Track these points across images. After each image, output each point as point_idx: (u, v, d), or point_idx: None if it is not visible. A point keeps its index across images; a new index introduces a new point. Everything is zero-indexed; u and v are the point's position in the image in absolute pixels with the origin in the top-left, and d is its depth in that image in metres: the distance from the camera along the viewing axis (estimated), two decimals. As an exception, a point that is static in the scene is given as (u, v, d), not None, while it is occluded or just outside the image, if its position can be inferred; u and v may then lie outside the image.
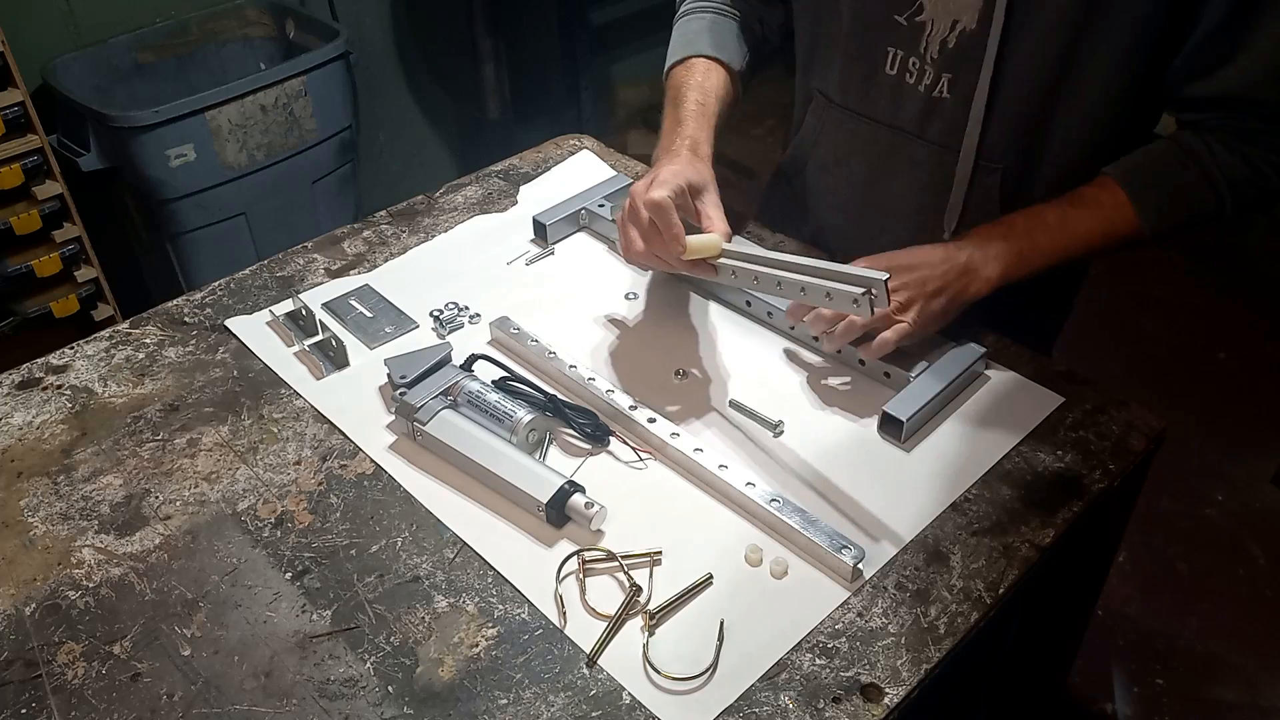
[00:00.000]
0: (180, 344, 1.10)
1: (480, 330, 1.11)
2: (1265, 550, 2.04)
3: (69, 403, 1.03)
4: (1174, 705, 1.78)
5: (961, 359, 1.00)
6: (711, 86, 1.14)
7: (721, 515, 0.89)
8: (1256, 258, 2.85)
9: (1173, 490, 2.13)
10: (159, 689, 0.77)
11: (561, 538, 0.87)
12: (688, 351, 1.07)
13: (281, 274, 1.20)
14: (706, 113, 1.11)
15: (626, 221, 0.99)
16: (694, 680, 0.76)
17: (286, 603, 0.83)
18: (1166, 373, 2.48)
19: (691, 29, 1.20)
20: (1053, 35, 0.97)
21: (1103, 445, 0.95)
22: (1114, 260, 2.75)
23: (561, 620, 0.80)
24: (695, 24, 1.20)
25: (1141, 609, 1.93)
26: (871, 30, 1.07)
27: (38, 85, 2.02)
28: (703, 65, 1.16)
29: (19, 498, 0.93)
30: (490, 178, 1.37)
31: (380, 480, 0.93)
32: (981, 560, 0.85)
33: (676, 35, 1.22)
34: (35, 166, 1.88)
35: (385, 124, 2.73)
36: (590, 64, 2.92)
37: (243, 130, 2.08)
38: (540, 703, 0.75)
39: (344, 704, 0.75)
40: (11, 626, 0.82)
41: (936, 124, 1.08)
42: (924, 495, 0.90)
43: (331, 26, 2.28)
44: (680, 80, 1.15)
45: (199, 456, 0.96)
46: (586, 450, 0.96)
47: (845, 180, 1.20)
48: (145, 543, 0.88)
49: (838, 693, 0.75)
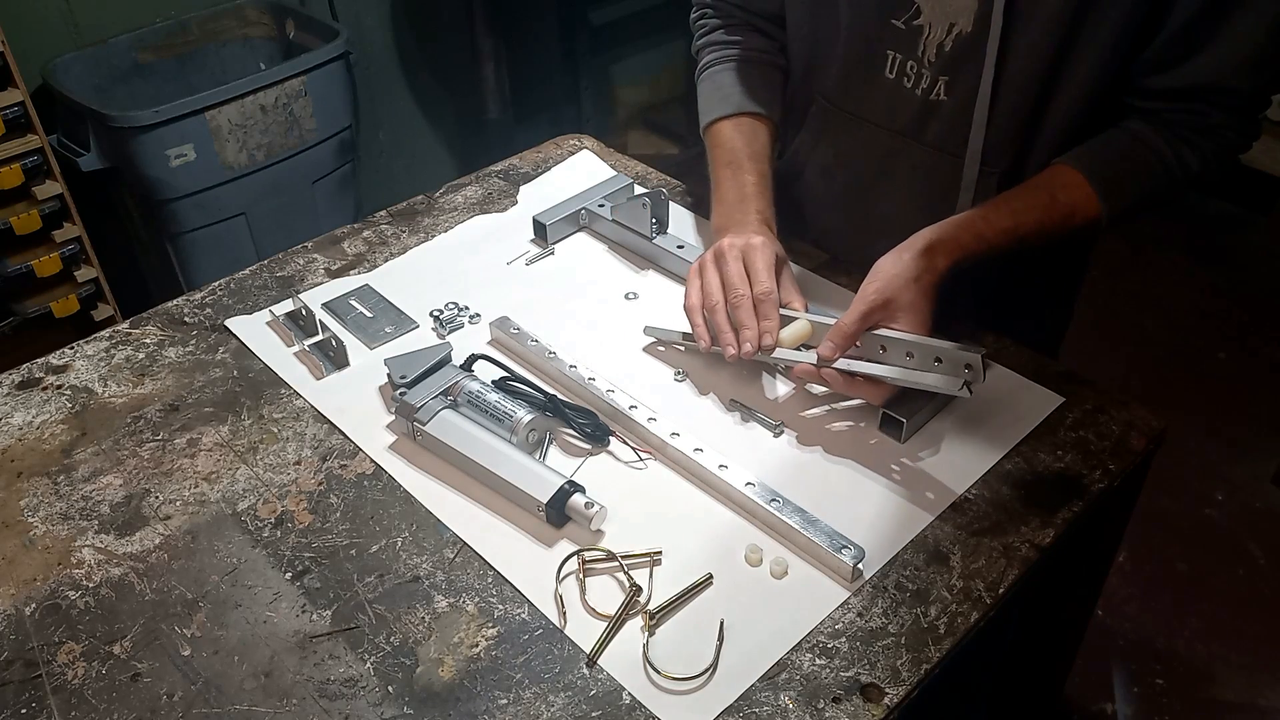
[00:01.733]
0: (180, 344, 1.10)
1: (480, 330, 1.11)
2: (1265, 550, 2.04)
3: (69, 403, 1.03)
4: (1174, 705, 1.78)
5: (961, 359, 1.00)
6: (762, 150, 1.15)
7: (721, 515, 0.89)
8: (1256, 258, 2.85)
9: (1173, 490, 2.13)
10: (159, 689, 0.77)
11: (561, 538, 0.87)
12: (687, 352, 1.07)
13: (281, 274, 1.20)
14: (767, 184, 1.12)
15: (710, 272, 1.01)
16: (694, 680, 0.76)
17: (286, 603, 0.83)
18: (1166, 373, 2.48)
19: (726, 81, 1.19)
20: (1047, 36, 0.97)
21: (1103, 445, 0.95)
22: (1114, 260, 2.76)
23: (561, 620, 0.80)
24: (728, 75, 1.19)
25: (1141, 609, 1.93)
26: (869, 34, 1.07)
27: (38, 85, 2.02)
28: (749, 125, 1.16)
29: (19, 498, 0.93)
30: (490, 178, 1.37)
31: (380, 480, 0.93)
32: (981, 560, 0.85)
33: (710, 86, 1.20)
34: (35, 166, 1.88)
35: (385, 124, 2.73)
36: (590, 64, 2.92)
37: (243, 130, 2.08)
38: (540, 703, 0.75)
39: (344, 704, 0.75)
40: (11, 626, 0.82)
41: (934, 127, 1.08)
42: (924, 495, 0.90)
43: (331, 26, 2.28)
44: (732, 142, 1.15)
45: (199, 456, 0.96)
46: (586, 450, 0.96)
47: (844, 184, 1.20)
48: (145, 543, 0.88)
49: (838, 693, 0.75)
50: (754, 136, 1.15)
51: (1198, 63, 0.95)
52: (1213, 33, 0.94)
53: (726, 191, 1.11)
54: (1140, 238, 2.85)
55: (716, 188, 1.14)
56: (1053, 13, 0.95)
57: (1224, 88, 0.96)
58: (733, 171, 1.12)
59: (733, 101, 1.17)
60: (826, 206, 1.24)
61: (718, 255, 1.02)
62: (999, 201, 1.02)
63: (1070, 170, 1.01)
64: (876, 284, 0.95)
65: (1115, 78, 1.00)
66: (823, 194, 1.24)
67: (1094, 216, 1.01)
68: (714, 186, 1.14)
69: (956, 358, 0.89)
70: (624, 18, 3.03)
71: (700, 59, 1.24)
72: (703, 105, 1.20)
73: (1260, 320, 2.63)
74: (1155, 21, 0.95)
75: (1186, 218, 2.94)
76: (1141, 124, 1.01)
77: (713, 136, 1.18)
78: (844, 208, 1.22)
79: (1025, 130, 1.04)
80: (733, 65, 1.20)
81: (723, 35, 1.22)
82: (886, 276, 0.95)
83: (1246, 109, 0.99)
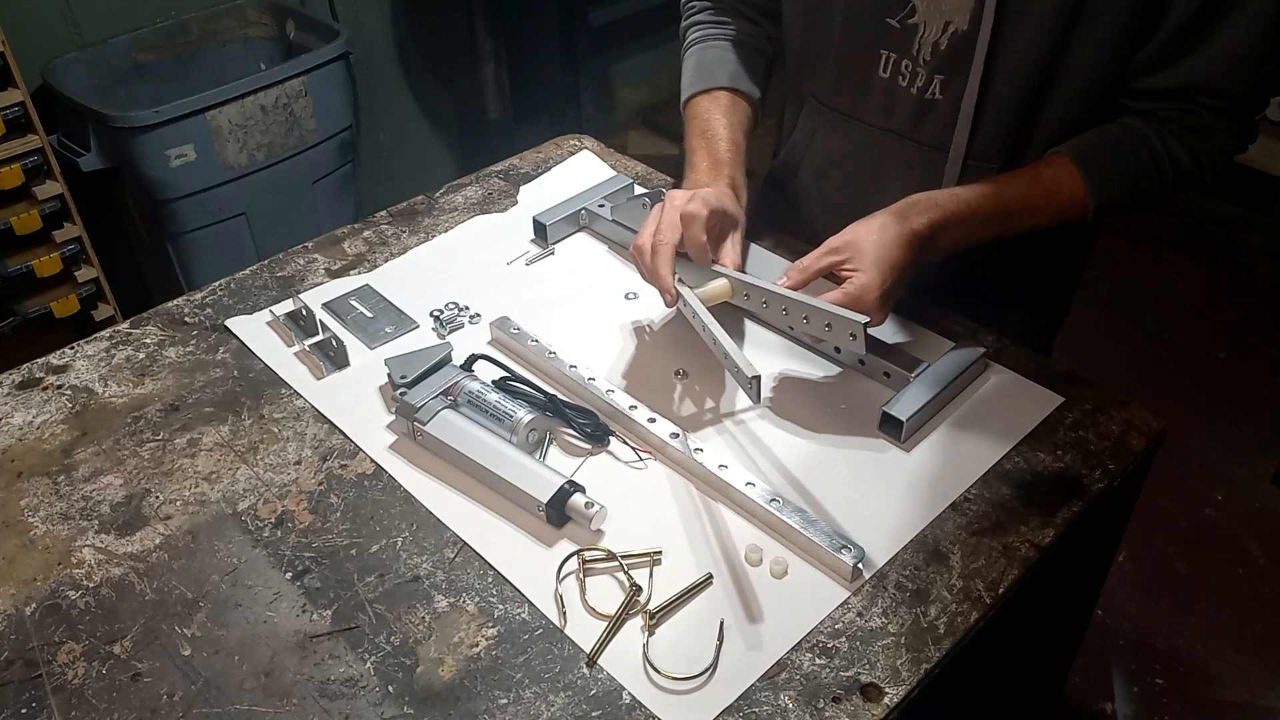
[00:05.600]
0: (180, 344, 1.10)
1: (480, 330, 1.11)
2: (1265, 550, 2.04)
3: (69, 403, 1.03)
4: (1174, 705, 1.78)
5: (961, 359, 1.00)
6: (740, 123, 1.15)
7: (721, 515, 0.89)
8: (1256, 258, 2.85)
9: (1173, 490, 2.13)
10: (159, 689, 0.77)
11: (561, 538, 0.87)
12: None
13: (282, 274, 1.21)
14: (740, 153, 1.12)
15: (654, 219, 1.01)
16: (694, 680, 0.76)
17: (287, 603, 0.83)
18: (1166, 373, 2.48)
19: (709, 58, 1.20)
20: (1042, 34, 0.97)
21: (1102, 445, 0.95)
22: (1114, 260, 2.77)
23: (561, 620, 0.80)
24: (712, 53, 1.20)
25: (1141, 609, 1.93)
26: (864, 33, 1.07)
27: (38, 85, 2.02)
28: (727, 99, 1.16)
29: (19, 498, 0.93)
30: (490, 178, 1.37)
31: (380, 480, 0.93)
32: (981, 560, 0.85)
33: (693, 63, 1.21)
34: (35, 166, 1.88)
35: (385, 124, 2.73)
36: (590, 64, 2.92)
37: (243, 130, 2.09)
38: (540, 702, 0.75)
39: (344, 704, 0.75)
40: (11, 626, 0.82)
41: (929, 126, 1.08)
42: (924, 495, 0.90)
43: (331, 26, 2.28)
44: (708, 114, 1.15)
45: (199, 456, 0.96)
46: (586, 450, 0.96)
47: (838, 184, 1.21)
48: (145, 543, 0.88)
49: (838, 692, 0.75)
50: (731, 109, 1.16)
51: (1191, 63, 0.96)
52: (1208, 33, 0.94)
53: (699, 160, 1.12)
54: (1140, 237, 2.85)
55: (689, 156, 1.14)
56: (1048, 11, 0.95)
57: (1216, 89, 0.97)
58: (706, 142, 1.13)
59: (713, 77, 1.18)
60: (821, 205, 1.24)
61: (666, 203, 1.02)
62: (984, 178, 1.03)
63: (1058, 155, 1.02)
64: (844, 232, 0.97)
65: (1112, 77, 1.00)
66: (817, 193, 1.24)
67: (1081, 199, 1.01)
68: (687, 156, 1.15)
69: (843, 325, 0.90)
70: (624, 18, 3.03)
71: (685, 38, 1.25)
72: (684, 82, 1.21)
73: (1260, 320, 2.63)
74: (1152, 22, 0.95)
75: (1186, 218, 2.94)
76: (1135, 119, 1.02)
77: (690, 109, 1.18)
78: (838, 207, 1.22)
79: (1020, 128, 1.04)
80: (717, 44, 1.21)
81: (710, 16, 1.24)
82: (854, 225, 0.97)
83: (1239, 111, 0.99)
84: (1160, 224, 2.91)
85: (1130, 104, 1.02)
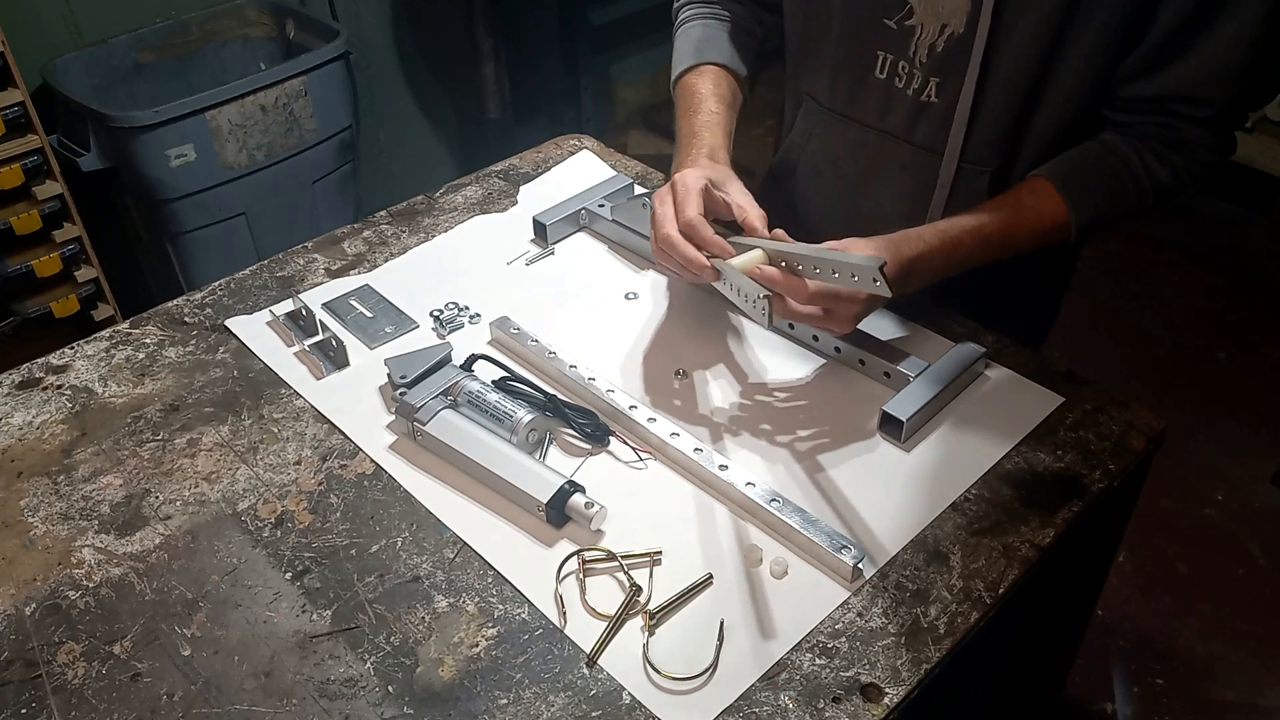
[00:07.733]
0: (180, 344, 1.10)
1: (480, 330, 1.11)
2: (1265, 550, 2.04)
3: (69, 403, 1.03)
4: (1174, 705, 1.78)
5: (961, 359, 1.00)
6: (723, 94, 1.15)
7: (721, 515, 0.89)
8: (1256, 258, 2.85)
9: (1173, 490, 2.13)
10: (159, 689, 0.77)
11: (561, 538, 0.87)
12: (688, 351, 1.07)
13: (281, 274, 1.20)
14: (720, 120, 1.12)
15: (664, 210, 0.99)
16: (694, 680, 0.76)
17: (286, 603, 0.83)
18: (1166, 373, 2.48)
19: (695, 36, 1.20)
20: (1037, 38, 0.97)
21: (1103, 445, 0.95)
22: (1114, 260, 2.77)
23: (561, 620, 0.80)
24: (698, 31, 1.21)
25: (1141, 609, 1.93)
26: (861, 34, 1.07)
27: (38, 85, 2.01)
28: (711, 73, 1.17)
29: (19, 498, 0.93)
30: (490, 178, 1.37)
31: (380, 480, 0.93)
32: (981, 560, 0.85)
33: (681, 42, 1.22)
34: (35, 166, 1.88)
35: (385, 124, 2.73)
36: (590, 64, 2.92)
37: (243, 130, 2.08)
38: (540, 703, 0.75)
39: (344, 704, 0.75)
40: (11, 626, 0.82)
41: (924, 128, 1.08)
42: (924, 495, 0.90)
43: (331, 26, 2.28)
44: (691, 89, 1.16)
45: (199, 456, 0.96)
46: (586, 450, 0.96)
47: (834, 184, 1.21)
48: (145, 543, 0.88)
49: (838, 693, 0.75)
50: (716, 83, 1.16)
51: (1177, 69, 0.96)
52: (1196, 39, 0.94)
53: (684, 138, 1.12)
54: (1140, 238, 2.85)
55: (677, 135, 1.14)
56: (1043, 14, 0.96)
57: (1200, 97, 0.96)
58: (687, 118, 1.13)
59: (700, 54, 1.18)
60: (817, 205, 1.25)
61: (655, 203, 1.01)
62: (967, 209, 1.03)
63: (1039, 179, 1.02)
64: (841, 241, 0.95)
65: (1105, 82, 1.00)
66: (813, 193, 1.24)
67: (1063, 223, 1.01)
68: (676, 135, 1.15)
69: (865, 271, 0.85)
70: (624, 18, 3.03)
71: (676, 18, 1.26)
72: (674, 60, 1.21)
73: (1260, 320, 2.63)
74: (1142, 27, 0.95)
75: (1186, 218, 2.94)
76: (1114, 136, 1.02)
77: (679, 89, 1.19)
78: (834, 207, 1.22)
79: (1014, 132, 1.04)
80: (707, 23, 1.22)
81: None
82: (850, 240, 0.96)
83: (1220, 121, 0.98)
84: (1160, 224, 2.91)
85: (1112, 115, 1.02)
